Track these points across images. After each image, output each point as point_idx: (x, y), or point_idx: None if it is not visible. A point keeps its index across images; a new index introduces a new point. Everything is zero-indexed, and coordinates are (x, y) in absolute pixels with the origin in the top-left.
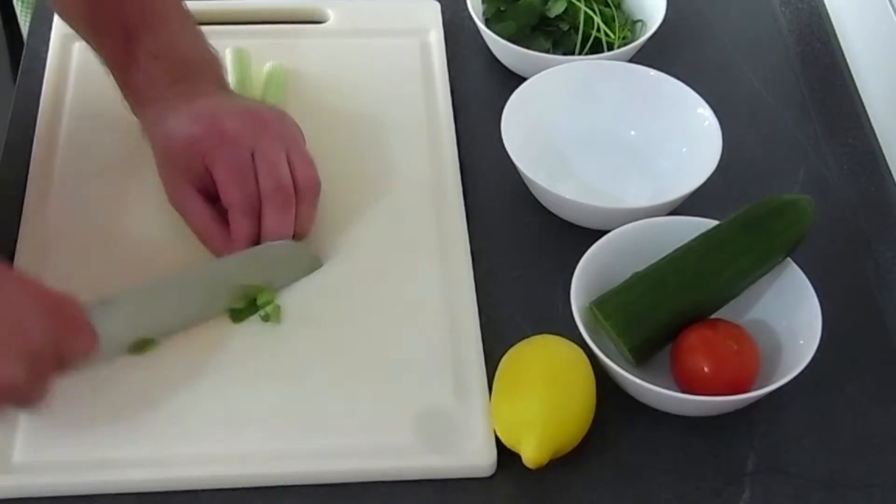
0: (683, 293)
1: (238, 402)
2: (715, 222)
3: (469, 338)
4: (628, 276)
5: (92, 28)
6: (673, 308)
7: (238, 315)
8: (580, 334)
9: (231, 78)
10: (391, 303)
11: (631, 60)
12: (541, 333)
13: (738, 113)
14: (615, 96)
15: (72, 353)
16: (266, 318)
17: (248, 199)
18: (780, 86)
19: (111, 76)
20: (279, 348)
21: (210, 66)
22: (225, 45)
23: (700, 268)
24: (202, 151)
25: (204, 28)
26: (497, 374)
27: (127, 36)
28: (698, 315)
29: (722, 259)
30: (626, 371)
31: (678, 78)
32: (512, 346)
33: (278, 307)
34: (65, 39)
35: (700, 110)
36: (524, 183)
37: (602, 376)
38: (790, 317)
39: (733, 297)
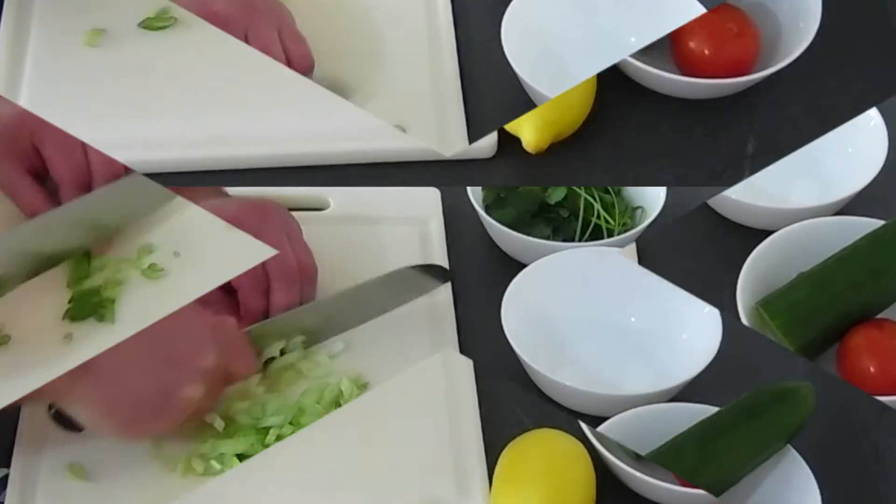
0: (850, 293)
1: (237, 497)
2: (881, 222)
3: (469, 431)
4: (793, 276)
5: None
6: (839, 308)
7: (77, 313)
8: (579, 427)
9: None
10: (390, 394)
11: None
12: (541, 427)
13: None
14: (615, 282)
15: (237, 372)
16: (101, 319)
17: (78, 172)
18: None
19: None
20: (277, 443)
21: None
22: None
23: (867, 267)
24: (29, 130)
25: None
26: (497, 467)
27: None
28: (864, 315)
29: (890, 258)
30: (627, 465)
31: None
32: (512, 438)
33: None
34: None
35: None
36: None
37: (602, 470)
38: None
39: None
